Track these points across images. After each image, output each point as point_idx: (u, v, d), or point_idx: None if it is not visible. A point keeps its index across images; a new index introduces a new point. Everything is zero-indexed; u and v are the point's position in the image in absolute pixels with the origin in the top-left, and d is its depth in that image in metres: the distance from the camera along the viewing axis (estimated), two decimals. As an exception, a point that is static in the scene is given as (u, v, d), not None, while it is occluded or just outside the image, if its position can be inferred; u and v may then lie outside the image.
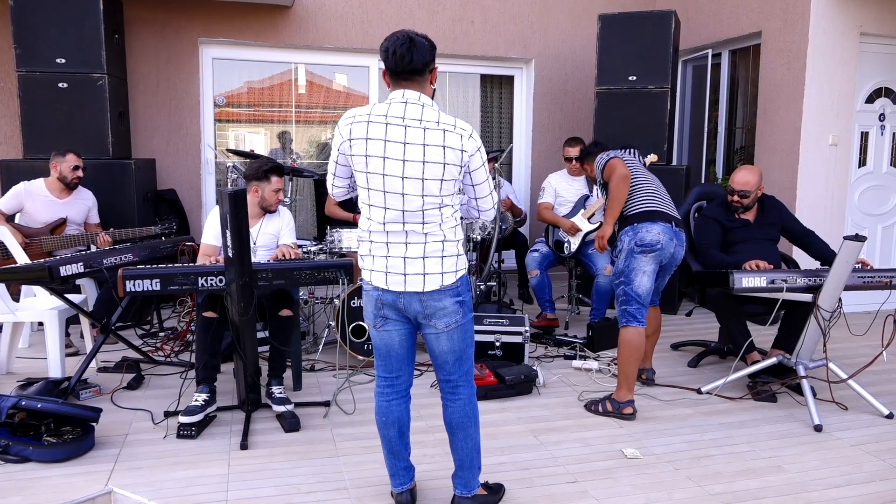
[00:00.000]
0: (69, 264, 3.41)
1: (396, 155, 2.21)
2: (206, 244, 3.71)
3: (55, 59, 4.96)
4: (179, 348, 4.42)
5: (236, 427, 3.24)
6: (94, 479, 2.74)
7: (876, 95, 5.63)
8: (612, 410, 3.42)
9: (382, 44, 2.25)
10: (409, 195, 2.22)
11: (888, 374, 4.16)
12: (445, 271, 2.28)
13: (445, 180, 2.23)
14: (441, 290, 2.28)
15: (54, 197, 4.47)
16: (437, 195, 2.23)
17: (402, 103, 2.24)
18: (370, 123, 2.23)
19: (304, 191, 6.70)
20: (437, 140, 2.20)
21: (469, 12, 6.53)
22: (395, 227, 2.27)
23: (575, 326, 5.08)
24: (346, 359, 4.23)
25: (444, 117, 2.25)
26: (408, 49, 2.20)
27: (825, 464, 2.98)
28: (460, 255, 2.33)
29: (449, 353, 2.37)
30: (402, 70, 2.22)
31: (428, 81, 2.30)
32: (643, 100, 5.55)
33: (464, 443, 2.44)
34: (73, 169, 4.46)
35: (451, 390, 2.43)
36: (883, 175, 5.76)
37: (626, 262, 3.36)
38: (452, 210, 2.30)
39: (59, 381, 3.52)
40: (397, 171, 2.21)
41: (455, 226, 2.32)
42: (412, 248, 2.27)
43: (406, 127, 2.21)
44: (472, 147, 2.25)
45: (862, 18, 5.35)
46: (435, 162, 2.20)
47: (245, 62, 6.31)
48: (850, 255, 3.29)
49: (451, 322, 2.32)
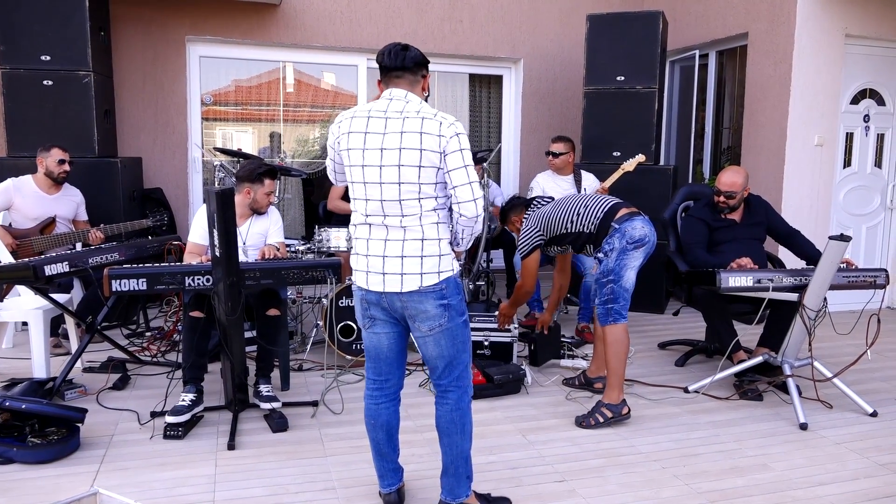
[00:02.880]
0: (54, 263, 3.38)
1: (375, 145, 2.23)
2: (192, 243, 3.68)
3: (40, 55, 4.91)
4: (166, 348, 4.39)
5: (223, 427, 3.23)
6: (80, 480, 2.72)
7: (861, 96, 5.68)
8: (612, 416, 3.34)
9: (379, 51, 2.32)
10: (385, 183, 2.22)
11: (872, 373, 4.20)
12: (425, 272, 2.23)
13: (424, 167, 2.20)
14: (420, 291, 2.24)
15: (43, 192, 4.43)
16: (414, 182, 2.20)
17: (388, 100, 2.28)
18: (354, 119, 2.28)
19: (292, 190, 6.68)
20: (415, 127, 2.20)
21: (457, 12, 6.53)
22: (375, 219, 2.27)
23: (563, 326, 5.09)
24: (334, 358, 4.22)
25: (426, 108, 2.25)
26: (401, 49, 2.29)
27: (810, 462, 3.01)
28: (443, 256, 2.27)
29: (438, 358, 2.34)
30: (394, 67, 2.27)
31: (419, 84, 2.33)
32: (631, 100, 5.57)
33: (449, 448, 2.40)
34: (58, 163, 4.41)
35: (441, 394, 2.40)
36: (867, 176, 5.82)
37: (618, 260, 3.33)
38: (434, 204, 2.26)
39: (43, 382, 3.49)
40: (375, 160, 2.23)
41: (436, 223, 2.27)
42: (391, 246, 2.25)
43: (387, 119, 2.24)
44: (450, 132, 2.21)
45: (847, 20, 5.40)
46: (411, 148, 2.19)
47: (233, 60, 6.28)
48: (835, 254, 3.32)
49: (434, 325, 2.27)
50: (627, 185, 4.86)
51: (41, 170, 4.42)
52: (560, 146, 4.97)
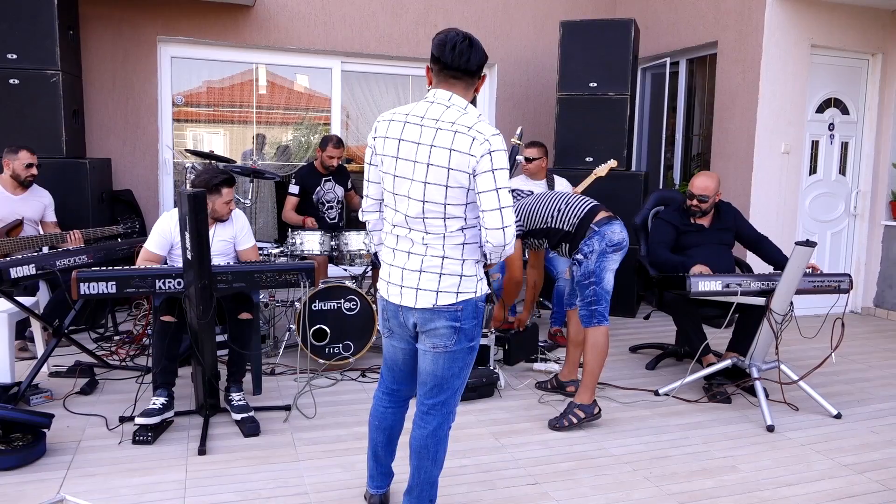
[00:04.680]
0: (20, 266, 3.32)
1: (408, 156, 2.10)
2: (147, 250, 3.57)
3: (6, 53, 4.80)
4: (135, 352, 4.33)
5: (194, 432, 3.19)
6: (46, 486, 2.67)
7: (826, 105, 5.82)
8: (585, 417, 3.36)
9: (437, 36, 2.12)
10: (412, 199, 2.10)
11: (837, 376, 4.30)
12: (442, 290, 2.12)
13: (451, 187, 2.05)
14: (434, 309, 2.13)
15: (9, 193, 4.33)
16: (439, 202, 2.07)
17: (430, 103, 2.12)
18: (391, 123, 2.15)
19: (265, 192, 6.63)
20: (446, 142, 2.04)
21: (432, 16, 6.55)
22: (401, 231, 2.17)
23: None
24: (306, 362, 4.19)
25: (464, 118, 2.07)
26: (468, 47, 2.09)
27: (777, 463, 3.07)
28: (465, 277, 2.13)
29: (429, 375, 2.22)
30: (455, 67, 2.09)
31: (473, 87, 2.16)
32: (603, 106, 5.63)
33: (416, 471, 2.29)
34: (26, 167, 4.32)
35: (421, 415, 2.28)
36: (832, 183, 5.95)
37: (598, 263, 3.32)
38: (461, 224, 2.11)
39: (8, 387, 3.42)
40: (406, 172, 2.10)
41: (461, 243, 2.12)
42: (412, 260, 2.15)
43: (422, 127, 2.09)
44: (481, 151, 2.02)
45: (812, 31, 5.52)
46: (439, 165, 2.04)
47: (205, 61, 6.21)
48: (801, 260, 3.39)
49: (438, 344, 2.16)
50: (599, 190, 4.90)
51: (7, 171, 4.33)
52: (533, 151, 5.01)
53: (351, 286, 4.18)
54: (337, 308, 4.13)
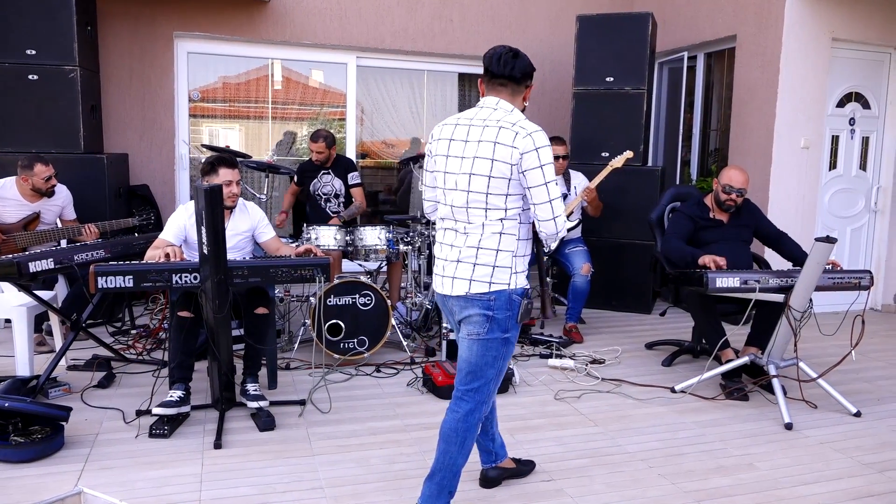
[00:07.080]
0: (38, 260, 3.35)
1: (456, 152, 2.27)
2: (161, 239, 3.58)
3: (25, 49, 4.85)
4: (152, 346, 4.36)
5: (210, 426, 3.21)
6: (64, 479, 2.69)
7: (846, 100, 5.74)
8: None
9: (487, 52, 2.33)
10: (458, 189, 2.26)
11: (856, 374, 4.25)
12: (475, 279, 2.23)
13: (493, 177, 2.19)
14: (467, 297, 2.24)
15: (26, 201, 4.33)
16: (482, 192, 2.21)
17: (479, 108, 2.31)
18: (445, 126, 2.35)
19: (281, 188, 6.65)
20: (491, 136, 2.21)
21: (448, 11, 6.53)
22: (448, 223, 2.32)
23: (551, 325, 5.10)
24: (321, 357, 4.20)
25: (509, 116, 2.24)
26: (512, 57, 2.28)
27: (795, 461, 3.03)
28: (499, 268, 2.23)
29: (465, 362, 2.33)
30: (500, 74, 2.27)
31: (521, 95, 2.32)
32: (620, 101, 5.59)
33: (442, 456, 2.35)
34: (45, 180, 4.27)
35: (455, 399, 2.37)
36: (852, 178, 5.87)
37: None
38: (501, 215, 2.23)
39: (27, 380, 3.45)
40: (454, 167, 2.28)
41: (499, 232, 2.23)
42: (453, 251, 2.29)
43: (470, 126, 2.27)
44: (526, 145, 2.16)
45: (834, 24, 5.44)
46: (483, 157, 2.20)
47: (221, 57, 6.24)
48: (820, 256, 3.35)
49: (472, 331, 2.27)
50: (615, 185, 4.88)
51: (27, 185, 4.29)
52: (561, 150, 4.94)
53: (366, 281, 4.18)
54: (352, 303, 4.14)
